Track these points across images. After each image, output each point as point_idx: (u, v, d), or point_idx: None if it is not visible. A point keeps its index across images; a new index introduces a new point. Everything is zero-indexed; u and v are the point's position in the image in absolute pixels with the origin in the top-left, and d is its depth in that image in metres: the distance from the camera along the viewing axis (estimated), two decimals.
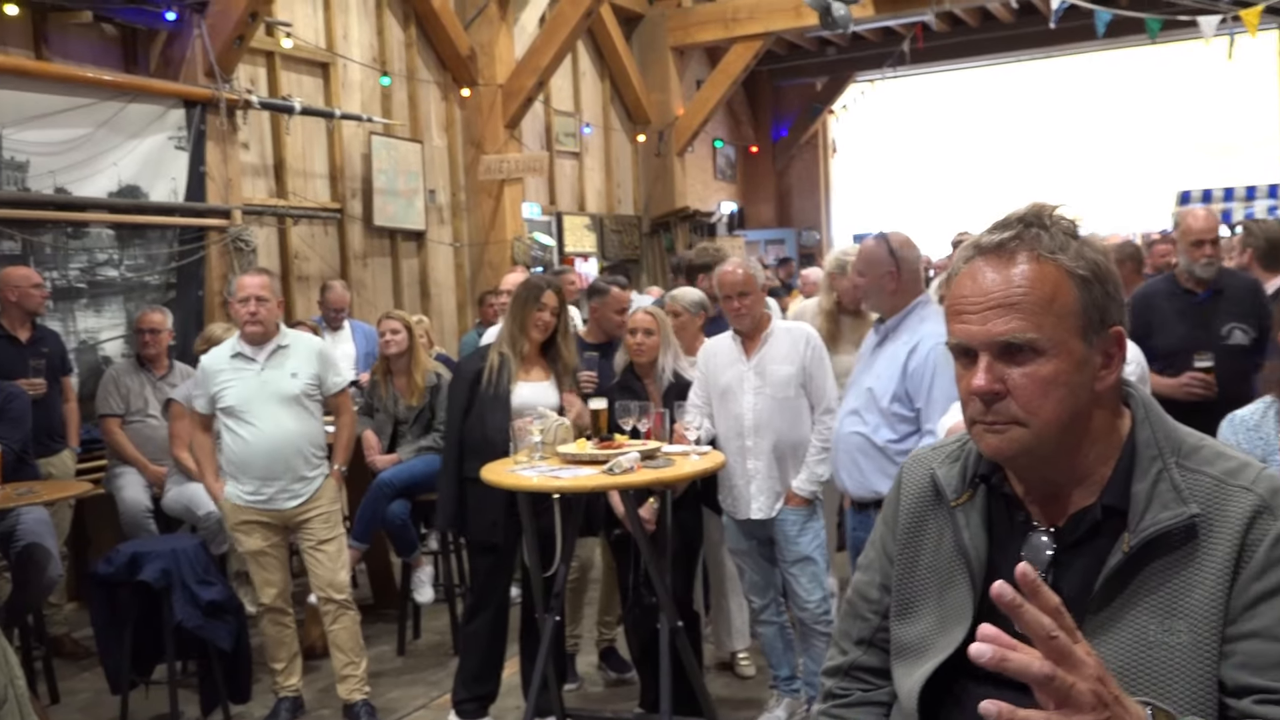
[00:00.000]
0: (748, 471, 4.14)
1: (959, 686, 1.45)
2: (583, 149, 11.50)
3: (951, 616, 1.47)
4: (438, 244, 9.46)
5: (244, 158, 7.44)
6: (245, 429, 4.37)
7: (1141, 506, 1.36)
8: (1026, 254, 1.38)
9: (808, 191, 15.52)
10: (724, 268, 4.21)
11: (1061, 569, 1.42)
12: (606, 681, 4.97)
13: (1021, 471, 1.46)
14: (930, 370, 3.53)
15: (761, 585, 4.32)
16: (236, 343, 4.47)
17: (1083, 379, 1.38)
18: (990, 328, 1.37)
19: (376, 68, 8.81)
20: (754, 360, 4.15)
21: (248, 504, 4.41)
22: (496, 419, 4.20)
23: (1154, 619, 1.34)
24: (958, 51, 13.69)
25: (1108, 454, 1.42)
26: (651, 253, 12.30)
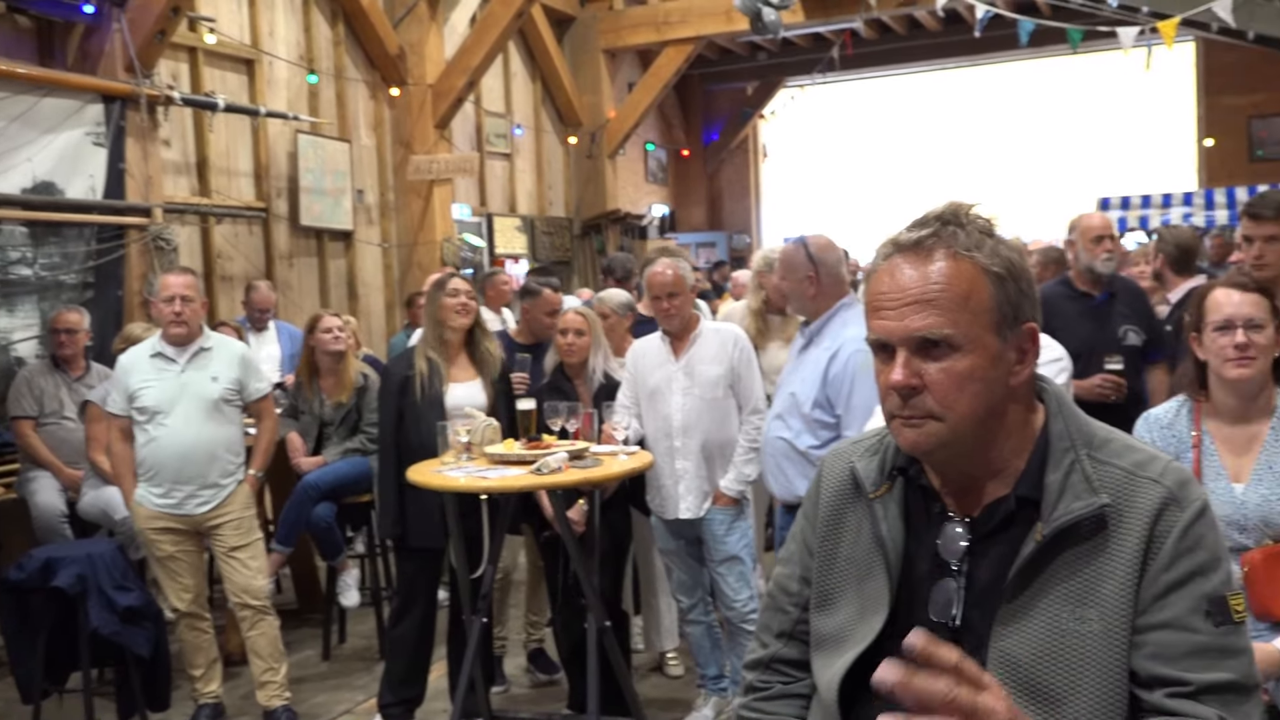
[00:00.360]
0: (676, 471, 4.15)
1: None
2: (514, 150, 11.45)
3: (869, 607, 1.49)
4: (366, 244, 9.35)
5: (165, 155, 7.28)
6: (159, 430, 4.29)
7: (1054, 497, 1.39)
8: (943, 251, 1.41)
9: (738, 195, 15.62)
10: (653, 268, 4.22)
11: (976, 558, 1.44)
12: (534, 683, 4.95)
13: (938, 465, 1.48)
14: (850, 377, 3.54)
15: (689, 585, 4.33)
16: (157, 343, 4.38)
17: (997, 374, 1.40)
18: (907, 323, 1.40)
19: (303, 65, 8.68)
20: (682, 361, 4.16)
21: (158, 508, 4.33)
22: (432, 425, 4.16)
23: (1066, 608, 1.37)
24: (886, 59, 13.89)
25: (1022, 446, 1.45)
26: (583, 254, 12.29)
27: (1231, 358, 2.60)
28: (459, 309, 4.27)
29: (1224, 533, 2.51)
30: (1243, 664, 1.36)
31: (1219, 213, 10.62)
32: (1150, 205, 10.97)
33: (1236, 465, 2.63)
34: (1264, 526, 2.55)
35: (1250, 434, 2.63)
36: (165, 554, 4.36)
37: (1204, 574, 1.36)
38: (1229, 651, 1.35)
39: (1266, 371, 2.61)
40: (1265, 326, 2.59)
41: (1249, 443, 2.63)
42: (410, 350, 4.43)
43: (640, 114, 12.40)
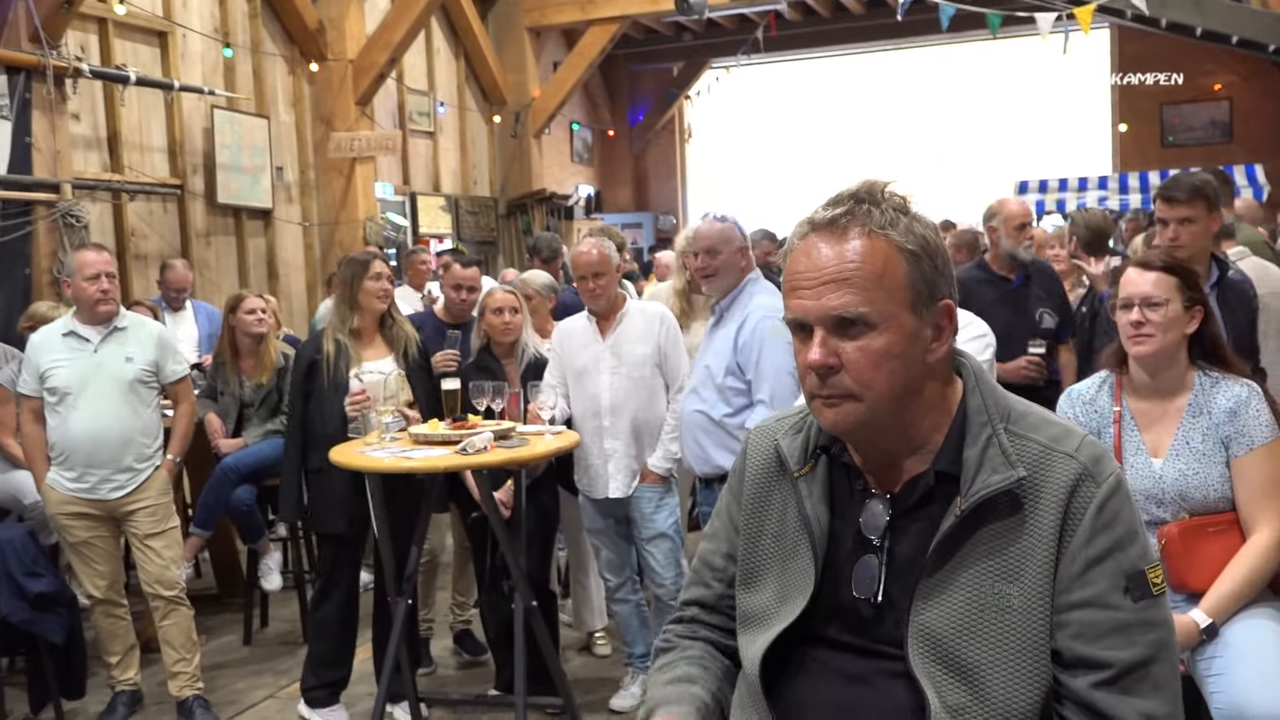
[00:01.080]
0: (605, 451, 4.15)
1: (801, 652, 1.48)
2: (437, 128, 11.30)
3: (794, 585, 1.50)
4: (285, 223, 9.17)
5: (75, 129, 7.05)
6: (71, 412, 4.15)
7: (972, 471, 1.41)
8: (858, 230, 1.41)
9: (664, 175, 15.62)
10: (579, 248, 4.21)
11: (897, 534, 1.46)
12: (461, 664, 4.93)
13: (858, 443, 1.49)
14: (759, 342, 3.68)
15: (617, 564, 4.34)
16: (70, 321, 4.25)
17: (914, 351, 1.41)
18: (824, 302, 1.40)
19: (218, 39, 8.46)
20: (609, 340, 4.16)
21: (71, 492, 4.19)
22: (337, 408, 4.12)
23: (986, 582, 1.39)
24: (810, 41, 13.96)
25: (940, 422, 1.47)
26: (508, 234, 12.20)
27: (1129, 335, 2.69)
28: (380, 294, 4.23)
29: (1142, 507, 2.59)
30: (1163, 635, 1.38)
31: (1133, 196, 10.88)
32: (1067, 189, 11.19)
33: (1155, 440, 2.70)
34: (1180, 500, 2.63)
35: (1167, 409, 2.71)
36: (79, 540, 4.23)
37: (1122, 549, 1.38)
38: (1150, 625, 1.37)
39: (1173, 348, 2.68)
40: (1164, 305, 2.66)
41: (1166, 418, 2.70)
42: (319, 333, 4.36)
43: (565, 93, 12.31)
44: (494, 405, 3.98)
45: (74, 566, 4.34)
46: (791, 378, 3.72)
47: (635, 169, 15.58)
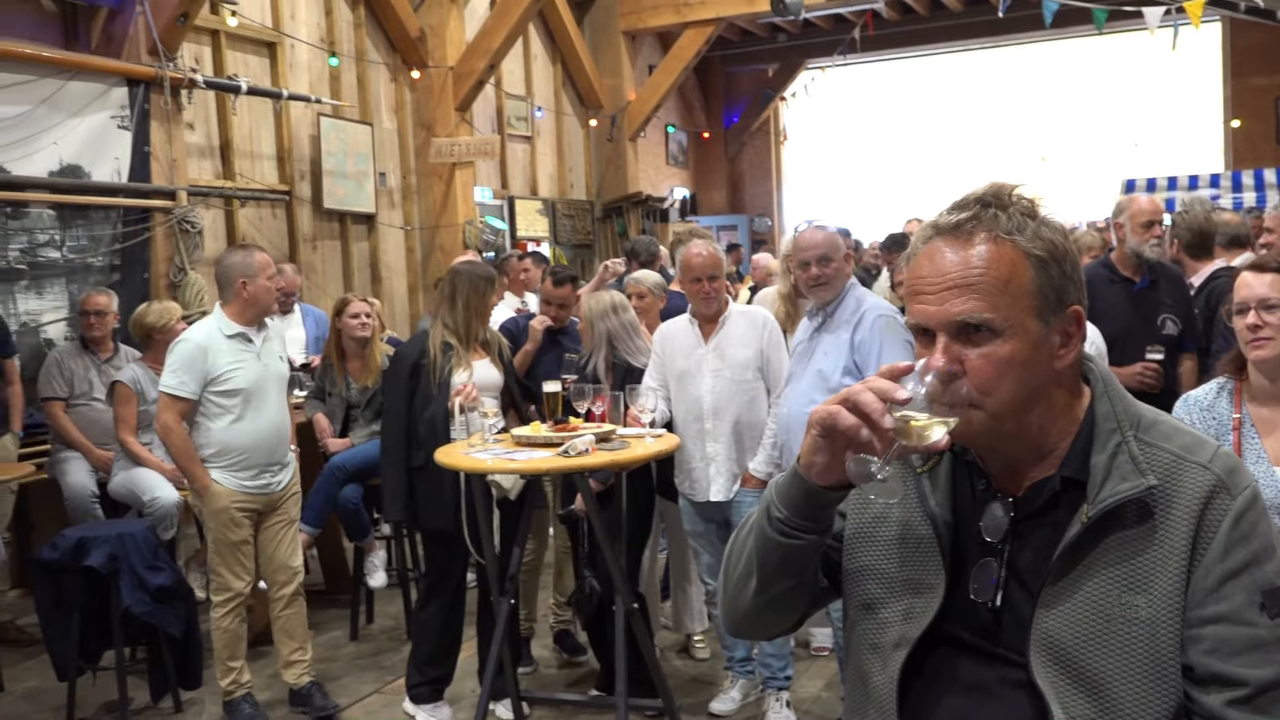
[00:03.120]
0: (707, 454, 4.15)
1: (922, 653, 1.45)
2: (534, 133, 11.43)
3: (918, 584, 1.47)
4: (388, 227, 9.37)
5: (189, 138, 7.31)
6: (250, 413, 4.21)
7: (1100, 478, 1.38)
8: (984, 234, 1.39)
9: (759, 178, 15.57)
10: (692, 249, 4.21)
11: (1019, 539, 1.43)
12: (561, 663, 4.97)
13: (981, 450, 1.47)
14: (877, 338, 3.68)
15: (717, 567, 4.31)
16: (227, 323, 4.22)
17: (1040, 358, 1.39)
18: (948, 308, 1.38)
19: (324, 48, 8.69)
20: (712, 343, 4.17)
21: (246, 491, 4.26)
22: (441, 408, 4.20)
23: (1113, 592, 1.35)
24: (908, 40, 13.80)
25: (1068, 429, 1.43)
26: (604, 237, 12.28)
27: (1247, 340, 2.62)
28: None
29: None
30: None
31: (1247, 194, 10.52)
32: (1176, 187, 10.86)
33: (1276, 447, 2.62)
34: None
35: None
36: (240, 538, 4.26)
37: (1259, 564, 1.34)
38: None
39: None
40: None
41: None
42: (422, 335, 4.43)
43: (661, 96, 12.36)
44: (594, 408, 4.01)
45: (222, 566, 4.27)
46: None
47: (730, 171, 15.56)
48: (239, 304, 4.24)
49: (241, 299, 4.23)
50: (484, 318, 4.37)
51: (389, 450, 4.29)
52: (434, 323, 4.40)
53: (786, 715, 4.19)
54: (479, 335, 4.34)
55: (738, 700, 4.37)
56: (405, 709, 4.39)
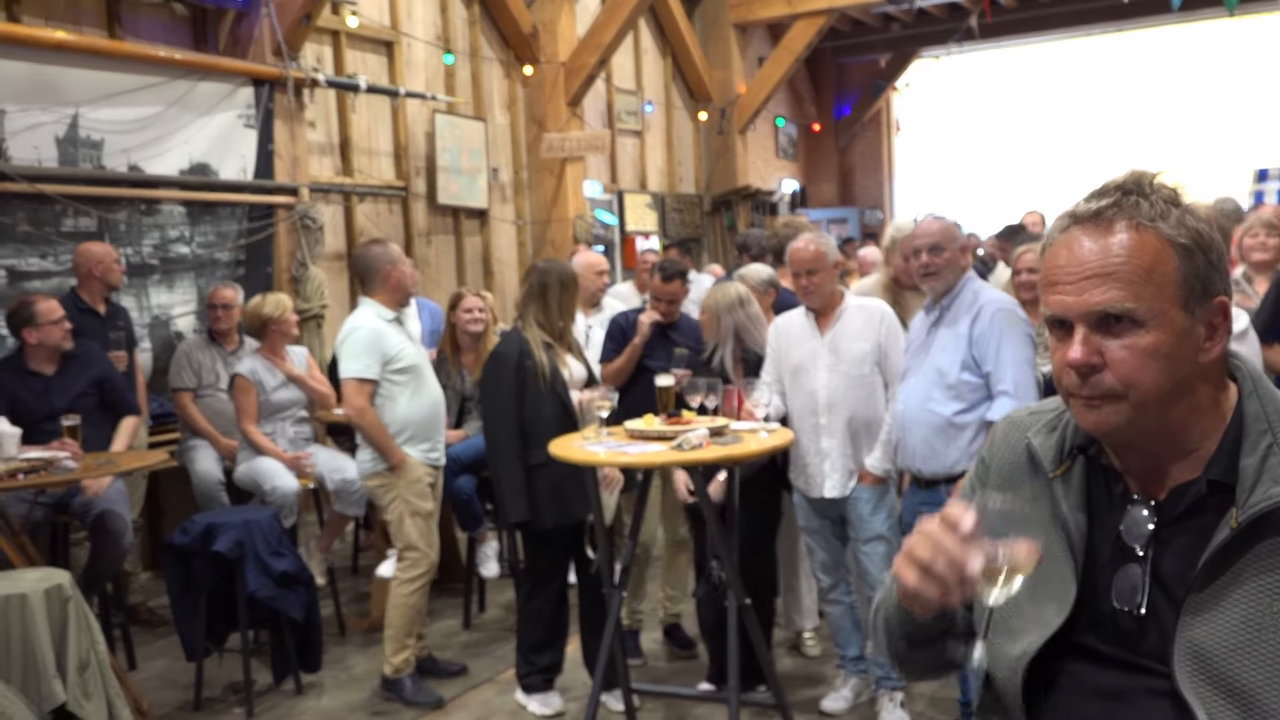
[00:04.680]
0: (821, 449, 4.10)
1: (1056, 663, 1.42)
2: (644, 127, 11.45)
3: (1049, 591, 1.43)
4: (500, 222, 9.49)
5: (311, 136, 7.50)
6: (420, 388, 4.53)
7: (1250, 481, 1.32)
8: (1125, 222, 1.35)
9: (871, 170, 15.33)
10: (794, 244, 4.18)
11: (1162, 545, 1.38)
12: (670, 657, 4.98)
13: (1121, 446, 1.42)
14: (997, 332, 3.60)
15: (831, 564, 4.29)
16: (381, 309, 4.52)
17: (1184, 351, 1.34)
18: (1087, 298, 1.34)
19: (440, 45, 8.83)
20: (827, 337, 4.11)
21: (429, 462, 4.56)
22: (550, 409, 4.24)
23: (1264, 600, 1.29)
24: (1026, 26, 13.40)
25: (1213, 428, 1.38)
26: (713, 231, 12.25)
27: None
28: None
29: None
30: None
31: None
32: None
33: None
34: None
35: None
36: (430, 509, 4.55)
37: None
38: None
39: None
40: None
41: None
42: (515, 334, 4.37)
43: (771, 89, 12.25)
44: (708, 402, 4.00)
45: (417, 538, 4.46)
46: (1031, 369, 3.61)
47: (841, 163, 15.35)
48: (387, 290, 4.52)
49: (389, 285, 4.52)
50: (572, 316, 4.45)
51: (503, 450, 4.19)
52: (526, 323, 4.35)
53: (900, 715, 4.13)
54: (569, 335, 4.39)
55: (849, 699, 4.32)
56: (517, 698, 4.44)
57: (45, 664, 3.47)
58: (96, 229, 5.93)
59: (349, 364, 4.40)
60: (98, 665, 3.68)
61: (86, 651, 3.65)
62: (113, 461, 4.49)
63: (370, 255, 4.58)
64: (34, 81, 5.68)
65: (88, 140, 5.98)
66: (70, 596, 3.61)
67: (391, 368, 4.44)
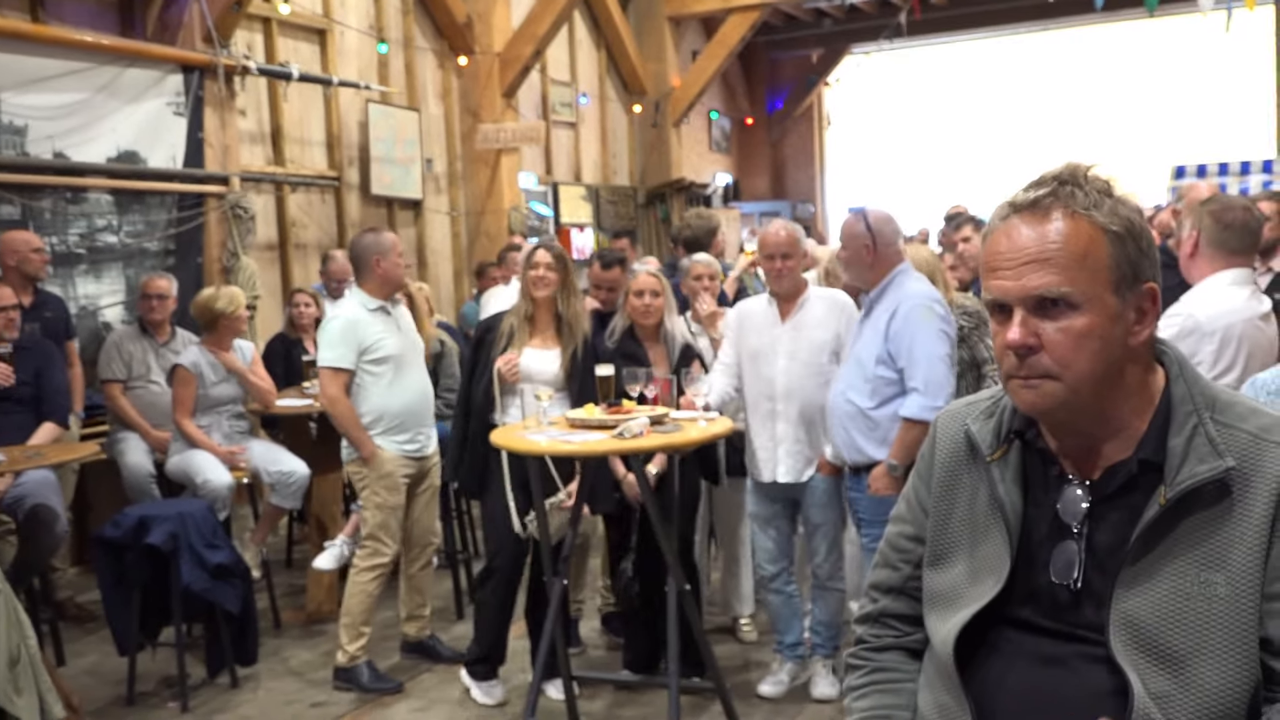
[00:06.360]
0: (776, 435, 4.16)
1: (995, 634, 1.48)
2: (579, 119, 11.46)
3: (985, 567, 1.50)
4: (434, 213, 9.44)
5: (242, 125, 7.40)
6: (400, 379, 4.52)
7: (1178, 460, 1.39)
8: (1061, 210, 1.41)
9: (803, 164, 15.50)
10: (768, 229, 4.24)
11: (1096, 522, 1.45)
12: (609, 645, 5.01)
13: (1055, 425, 1.48)
14: (911, 329, 3.68)
15: (775, 554, 4.31)
16: (367, 299, 4.52)
17: (1116, 333, 1.40)
18: (1024, 282, 1.40)
19: (373, 35, 8.75)
20: (789, 324, 4.17)
21: (404, 454, 4.53)
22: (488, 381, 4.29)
23: (1191, 571, 1.37)
24: (954, 24, 13.66)
25: (1142, 408, 1.45)
26: (647, 223, 12.30)
27: None
28: (533, 281, 4.34)
29: None
30: None
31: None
32: (1228, 173, 10.70)
33: None
34: None
35: None
36: (398, 503, 4.53)
37: None
38: None
39: None
40: None
41: None
42: (503, 312, 4.51)
43: (705, 82, 12.33)
44: (647, 391, 4.03)
45: (380, 531, 4.49)
46: (944, 365, 3.67)
47: (773, 157, 15.50)
48: (375, 280, 4.53)
49: (377, 275, 4.52)
50: (527, 293, 4.36)
51: (455, 418, 4.50)
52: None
53: (832, 681, 4.23)
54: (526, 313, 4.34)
55: (785, 683, 4.39)
56: (462, 678, 4.45)
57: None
58: (20, 217, 5.79)
59: (324, 353, 4.51)
60: (28, 660, 3.60)
61: (17, 646, 3.57)
62: (41, 454, 4.41)
63: (361, 244, 4.59)
64: None
65: (10, 126, 5.85)
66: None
67: (367, 357, 4.46)
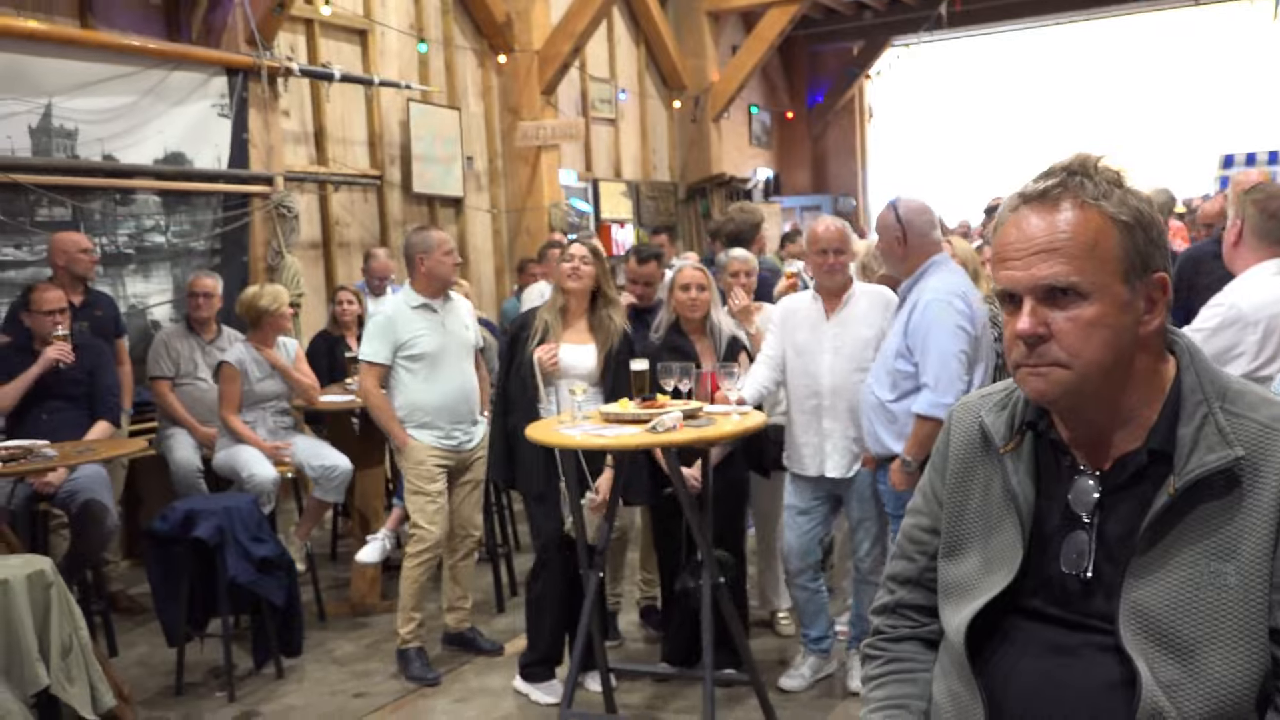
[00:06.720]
0: (823, 430, 4.17)
1: (1007, 623, 1.50)
2: (618, 115, 11.50)
3: (999, 558, 1.52)
4: (475, 210, 9.52)
5: (285, 125, 7.51)
6: (435, 375, 4.62)
7: (1187, 450, 1.40)
8: (1070, 201, 1.42)
9: (844, 157, 15.44)
10: (817, 225, 4.25)
11: (1107, 512, 1.46)
12: (647, 639, 5.04)
13: (1065, 414, 1.49)
14: (928, 325, 3.68)
15: (804, 548, 4.32)
16: (413, 295, 4.66)
17: (1126, 322, 1.41)
18: (1034, 272, 1.42)
19: (414, 34, 8.84)
20: (834, 320, 4.18)
21: (440, 447, 4.65)
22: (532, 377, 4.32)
23: (1201, 561, 1.37)
24: (995, 15, 13.53)
25: (1152, 398, 1.46)
26: (687, 219, 12.31)
27: None
28: (568, 274, 4.37)
29: None
30: None
31: None
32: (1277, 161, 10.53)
33: None
34: None
35: None
36: (435, 490, 4.63)
37: None
38: None
39: None
40: None
41: None
42: (536, 308, 4.56)
43: (744, 77, 12.33)
44: (680, 386, 4.05)
45: (419, 516, 4.61)
46: (957, 362, 3.64)
47: (814, 151, 15.45)
48: (421, 278, 4.65)
49: (421, 273, 4.64)
50: (560, 286, 4.40)
51: (494, 414, 4.56)
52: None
53: None
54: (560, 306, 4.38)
55: (807, 677, 4.40)
56: (515, 685, 4.48)
57: (28, 648, 3.50)
58: (71, 218, 5.93)
59: (363, 346, 4.72)
60: (80, 650, 3.72)
61: (69, 636, 3.68)
62: (91, 449, 4.52)
63: (409, 243, 4.73)
64: (6, 71, 5.68)
65: (61, 130, 5.98)
66: (52, 582, 3.64)
67: (404, 353, 4.59)
